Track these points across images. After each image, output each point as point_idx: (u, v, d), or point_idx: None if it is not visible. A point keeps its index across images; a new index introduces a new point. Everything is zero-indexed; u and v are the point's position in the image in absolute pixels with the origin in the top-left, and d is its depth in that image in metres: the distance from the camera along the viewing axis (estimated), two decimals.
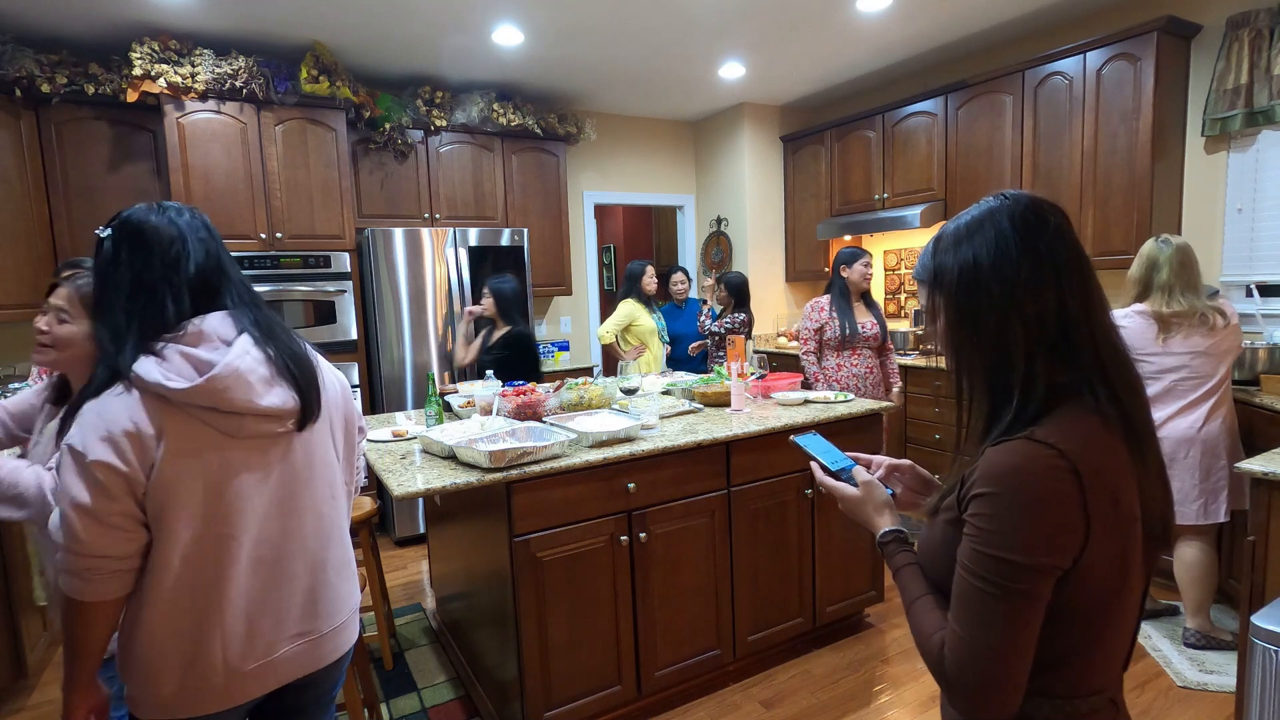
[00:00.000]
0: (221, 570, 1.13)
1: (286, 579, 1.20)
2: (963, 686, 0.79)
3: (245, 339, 1.15)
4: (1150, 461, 0.82)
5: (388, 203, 4.25)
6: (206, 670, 1.13)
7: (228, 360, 1.09)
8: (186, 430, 1.09)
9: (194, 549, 1.11)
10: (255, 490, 1.16)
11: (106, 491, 1.04)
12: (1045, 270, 0.81)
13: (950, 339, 0.88)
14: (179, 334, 1.12)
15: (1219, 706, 2.27)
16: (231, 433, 1.12)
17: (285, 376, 1.17)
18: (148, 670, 1.12)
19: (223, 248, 1.22)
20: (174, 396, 1.07)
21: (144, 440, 1.06)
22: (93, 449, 1.04)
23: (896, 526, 0.99)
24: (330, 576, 1.27)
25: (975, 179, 4.07)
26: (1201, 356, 2.52)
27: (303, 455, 1.23)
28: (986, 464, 0.79)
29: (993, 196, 0.87)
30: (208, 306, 1.16)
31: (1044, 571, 0.75)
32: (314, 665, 1.26)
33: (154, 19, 3.32)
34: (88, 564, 1.06)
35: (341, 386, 1.36)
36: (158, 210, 1.20)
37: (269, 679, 1.20)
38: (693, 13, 3.50)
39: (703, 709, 2.39)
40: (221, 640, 1.14)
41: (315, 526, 1.24)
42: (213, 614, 1.13)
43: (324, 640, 1.26)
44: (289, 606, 1.21)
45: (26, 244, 3.44)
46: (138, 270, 1.15)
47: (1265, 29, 3.03)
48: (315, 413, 1.22)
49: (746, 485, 2.44)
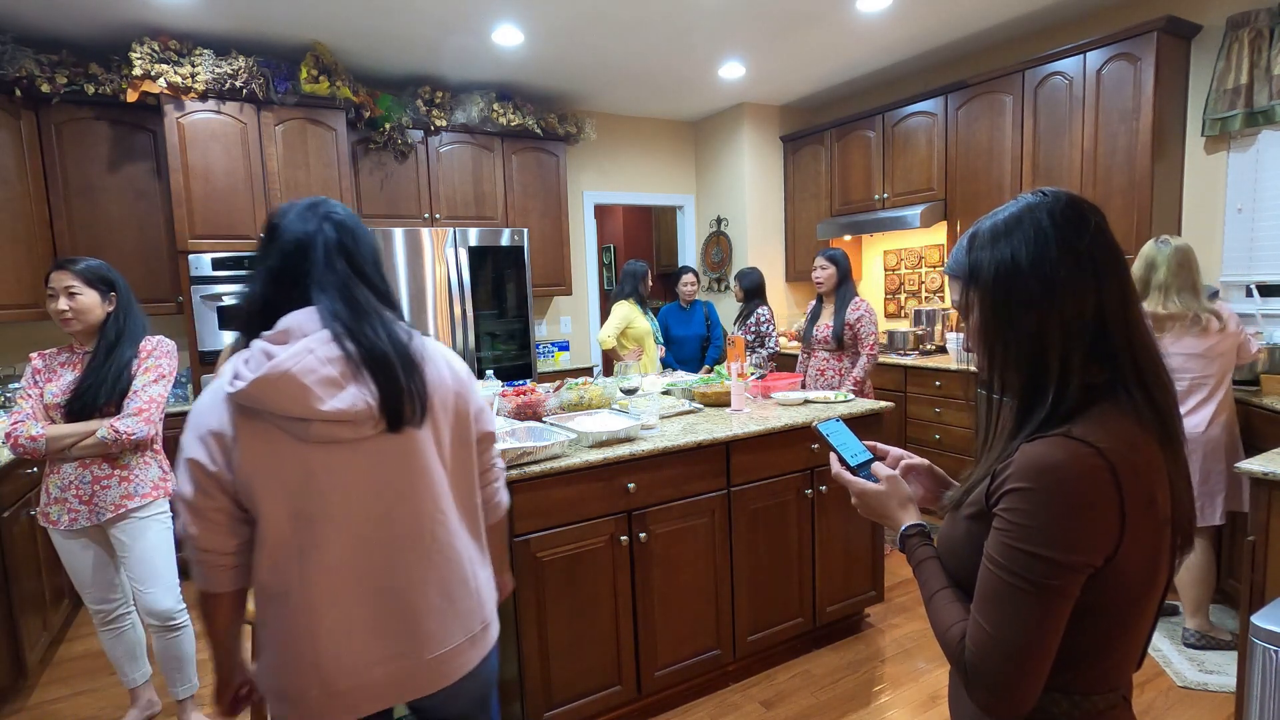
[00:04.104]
0: (306, 581, 1.08)
1: (377, 598, 1.12)
2: (983, 679, 0.79)
3: (316, 336, 1.06)
4: (1180, 462, 0.82)
5: (388, 203, 4.25)
6: (303, 684, 1.10)
7: (277, 362, 1.02)
8: (259, 432, 1.05)
9: (279, 554, 1.08)
10: (338, 498, 1.08)
11: (202, 488, 1.06)
12: (1084, 269, 0.80)
13: (984, 336, 0.87)
14: (273, 330, 1.07)
15: (1219, 706, 2.27)
16: (300, 436, 1.05)
17: (364, 376, 1.07)
18: (260, 672, 1.16)
19: (323, 235, 1.13)
20: (235, 399, 1.04)
21: (226, 441, 1.05)
22: (189, 447, 1.06)
23: (920, 521, 0.99)
24: (432, 598, 1.15)
25: (975, 179, 4.06)
26: (1197, 359, 2.51)
27: (396, 461, 1.12)
28: (1024, 460, 0.78)
29: (1030, 193, 0.85)
30: (301, 299, 1.10)
31: (1077, 570, 0.75)
32: (416, 691, 1.16)
33: (154, 19, 3.32)
34: (198, 556, 1.09)
35: (455, 389, 1.21)
36: (282, 210, 1.17)
37: (365, 701, 1.12)
38: (693, 13, 3.50)
39: (703, 709, 2.39)
40: (313, 654, 1.09)
41: (411, 541, 1.14)
42: (300, 627, 1.08)
43: (432, 665, 1.16)
44: (383, 628, 1.12)
45: (26, 244, 3.44)
46: (254, 264, 1.16)
47: (1265, 29, 3.03)
48: (409, 415, 1.11)
49: (746, 485, 2.44)
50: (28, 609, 2.64)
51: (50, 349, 2.19)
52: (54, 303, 2.06)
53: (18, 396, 2.10)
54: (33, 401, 2.08)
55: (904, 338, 4.49)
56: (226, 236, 3.62)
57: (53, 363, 2.15)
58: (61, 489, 2.10)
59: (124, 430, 2.04)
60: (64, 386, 2.08)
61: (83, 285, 2.08)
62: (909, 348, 4.48)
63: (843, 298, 3.54)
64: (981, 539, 0.82)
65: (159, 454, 2.26)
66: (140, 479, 2.16)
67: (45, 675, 2.77)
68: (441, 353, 1.22)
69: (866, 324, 3.44)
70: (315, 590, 1.08)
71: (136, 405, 2.08)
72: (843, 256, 3.60)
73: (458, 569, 1.20)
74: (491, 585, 1.30)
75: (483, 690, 1.28)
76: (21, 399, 2.08)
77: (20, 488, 2.71)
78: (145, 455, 2.19)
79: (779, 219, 5.56)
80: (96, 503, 2.10)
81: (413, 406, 1.11)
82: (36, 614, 2.74)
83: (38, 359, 2.15)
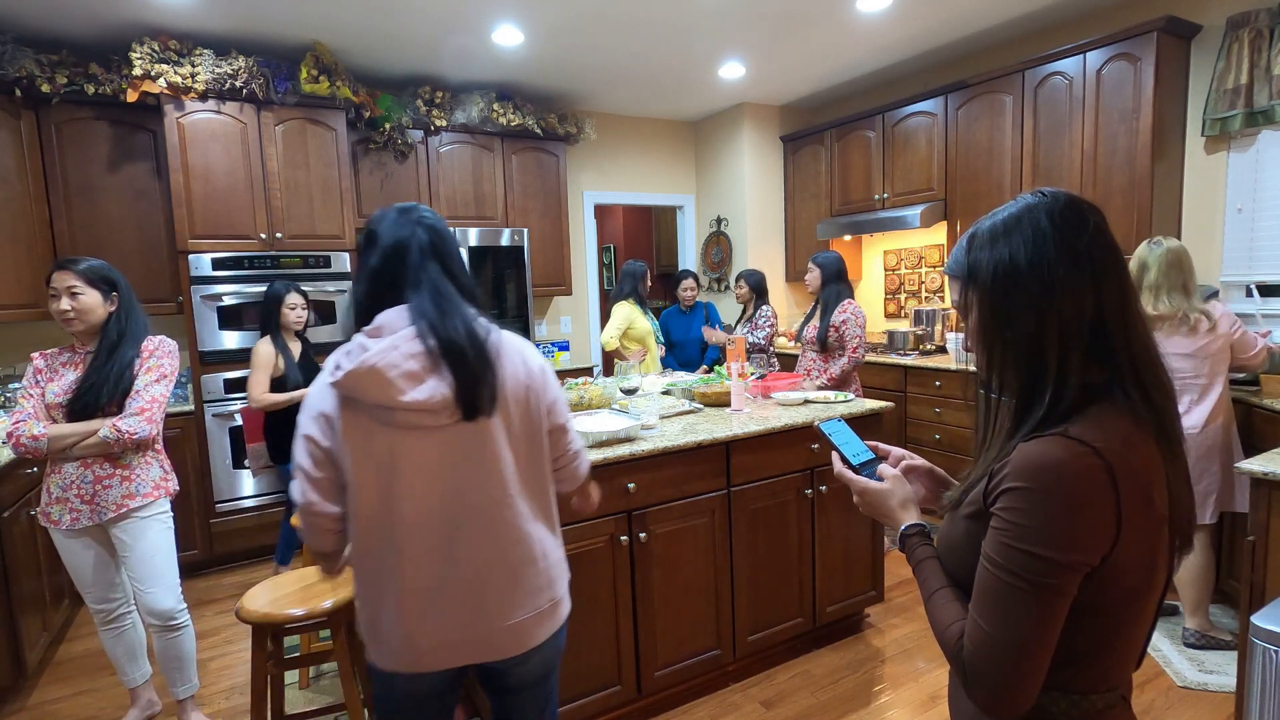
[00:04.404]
0: (389, 550, 1.21)
1: (451, 570, 1.23)
2: (982, 678, 0.79)
3: (403, 334, 1.17)
4: (1178, 462, 0.82)
5: (387, 202, 4.19)
6: (389, 638, 1.24)
7: (365, 357, 1.14)
8: (355, 416, 1.18)
9: (370, 525, 1.22)
10: (418, 478, 1.20)
11: (314, 460, 1.20)
12: (1083, 270, 0.80)
13: (982, 335, 0.87)
14: (370, 325, 1.21)
15: (1219, 706, 2.27)
16: (386, 422, 1.18)
17: (443, 369, 1.17)
18: (360, 620, 1.30)
19: (416, 239, 1.25)
20: (334, 387, 1.18)
21: (331, 422, 1.19)
22: (304, 424, 1.21)
23: (919, 521, 0.99)
24: (499, 574, 1.26)
25: (975, 179, 4.07)
26: (1188, 359, 2.52)
27: (468, 448, 1.23)
28: (1021, 459, 0.79)
29: (1030, 193, 0.86)
30: (397, 297, 1.23)
31: (1074, 568, 0.76)
32: (489, 656, 1.29)
33: (154, 19, 3.32)
34: (309, 520, 1.23)
35: (529, 384, 1.30)
36: (377, 217, 1.29)
37: (447, 657, 1.26)
38: (693, 13, 3.50)
39: (703, 709, 2.39)
40: (398, 613, 1.22)
41: (480, 522, 1.25)
42: (387, 592, 1.23)
43: (502, 634, 1.28)
44: (455, 597, 1.24)
45: (26, 244, 3.44)
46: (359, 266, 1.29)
47: (1265, 29, 3.03)
48: (483, 406, 1.21)
49: (746, 485, 2.44)
50: (28, 609, 2.64)
51: (52, 349, 2.19)
52: (56, 302, 2.07)
53: (19, 396, 2.10)
54: (34, 401, 2.08)
55: (904, 338, 4.49)
56: (226, 236, 3.62)
57: (54, 362, 2.15)
58: (63, 488, 2.10)
59: (126, 430, 2.04)
60: (66, 386, 2.08)
61: (85, 285, 2.09)
62: (909, 348, 4.48)
63: (829, 300, 3.54)
64: (980, 538, 0.83)
65: (160, 454, 2.26)
66: (142, 478, 2.16)
67: (45, 675, 2.77)
68: (518, 347, 1.32)
69: (851, 327, 3.42)
70: (399, 559, 1.21)
71: (139, 405, 2.08)
72: (829, 260, 3.59)
73: (525, 549, 1.30)
74: (564, 565, 1.40)
75: (548, 664, 1.40)
76: (23, 399, 2.08)
77: (21, 488, 2.71)
78: (147, 455, 2.20)
79: (779, 219, 5.56)
80: (98, 502, 2.11)
81: (485, 398, 1.21)
82: (36, 614, 2.74)
83: (39, 358, 2.16)
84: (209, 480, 3.67)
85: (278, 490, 3.83)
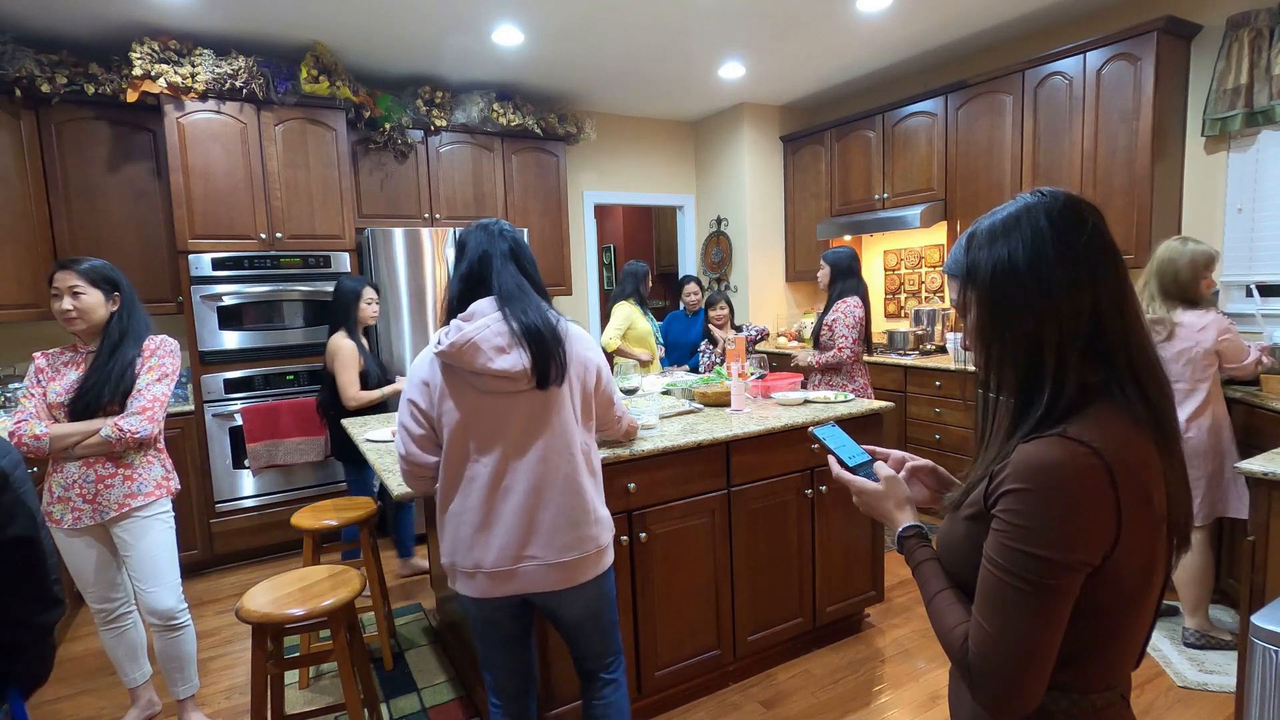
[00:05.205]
0: (470, 490, 1.53)
1: (517, 510, 1.52)
2: (987, 680, 0.79)
3: (492, 316, 1.49)
4: (1175, 460, 0.83)
5: (388, 203, 4.25)
6: (468, 565, 1.54)
7: (467, 331, 1.47)
8: (453, 382, 1.51)
9: (458, 471, 1.54)
10: (498, 434, 1.51)
11: (416, 419, 1.54)
12: (1082, 270, 0.81)
13: (981, 335, 0.87)
14: (464, 313, 1.52)
15: (1219, 706, 2.27)
16: (479, 387, 1.50)
17: (523, 346, 1.48)
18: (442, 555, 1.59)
19: (498, 246, 1.57)
20: (440, 357, 1.50)
21: (432, 387, 1.53)
22: (409, 390, 1.56)
23: (917, 522, 0.99)
24: (553, 517, 1.54)
25: (975, 179, 4.07)
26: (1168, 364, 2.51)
27: (539, 411, 1.53)
28: (1020, 460, 0.79)
29: (1029, 193, 0.86)
30: (485, 291, 1.55)
31: (1075, 568, 0.76)
32: (546, 586, 1.56)
33: (154, 19, 3.32)
34: (408, 469, 1.57)
35: (585, 360, 1.62)
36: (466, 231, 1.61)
37: (508, 584, 1.54)
38: (693, 13, 3.50)
39: (703, 709, 2.39)
40: (475, 544, 1.53)
41: (542, 471, 1.53)
42: (468, 519, 1.53)
43: (552, 569, 1.55)
44: (518, 531, 1.53)
45: (26, 244, 3.44)
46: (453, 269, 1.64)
47: (1265, 29, 3.03)
48: (553, 377, 1.52)
49: (746, 485, 2.44)
50: None
51: (53, 349, 2.19)
52: (58, 302, 2.08)
53: (21, 396, 2.10)
54: (36, 401, 2.08)
55: (904, 338, 4.49)
56: (226, 236, 3.62)
57: (56, 362, 2.15)
58: (65, 488, 2.10)
59: (128, 429, 2.05)
60: (67, 385, 2.08)
61: (86, 285, 2.10)
62: (909, 348, 4.48)
63: (831, 298, 3.54)
64: (980, 539, 0.83)
65: (162, 453, 2.26)
66: (143, 478, 2.17)
67: None
68: (580, 335, 1.64)
69: (840, 326, 3.41)
70: (479, 501, 1.53)
71: (141, 404, 2.08)
72: (838, 257, 3.55)
73: (581, 500, 1.58)
74: (609, 522, 1.67)
75: (596, 603, 1.66)
76: (25, 398, 2.09)
77: None
78: (148, 454, 2.20)
79: (779, 219, 5.56)
80: (100, 502, 2.11)
81: (555, 371, 1.52)
82: None
83: (41, 358, 2.16)
84: (209, 480, 3.67)
85: (278, 490, 3.83)
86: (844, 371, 3.45)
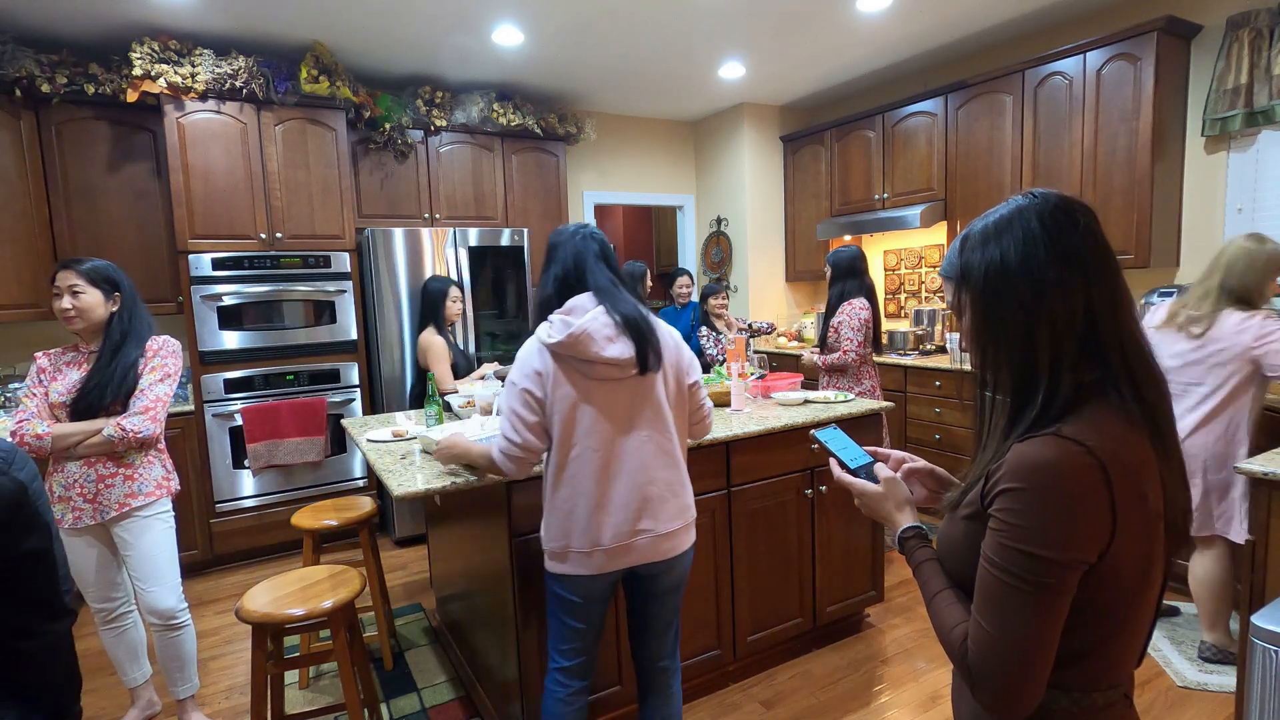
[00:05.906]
0: (584, 471, 1.62)
1: (630, 487, 1.64)
2: (987, 680, 0.80)
3: (599, 309, 1.61)
4: (1173, 460, 0.83)
5: (388, 203, 4.25)
6: (582, 541, 1.63)
7: (581, 323, 1.58)
8: (563, 371, 1.60)
9: (571, 454, 1.62)
10: (606, 416, 1.62)
11: (529, 406, 1.62)
12: (1074, 270, 0.81)
13: (976, 336, 0.88)
14: (564, 308, 1.63)
15: (1219, 706, 2.27)
16: (588, 374, 1.61)
17: (626, 335, 1.61)
18: (548, 531, 1.68)
19: (589, 248, 1.69)
20: (551, 348, 1.60)
21: (544, 376, 1.61)
22: (520, 380, 1.63)
23: (917, 523, 1.00)
24: (661, 490, 1.67)
25: (975, 179, 4.07)
26: (1189, 365, 2.45)
27: (641, 394, 1.66)
28: (1015, 460, 0.79)
29: (1021, 195, 0.87)
30: (579, 288, 1.66)
31: (1072, 567, 0.76)
32: (656, 556, 1.68)
33: (154, 19, 3.32)
34: (515, 453, 1.63)
35: (676, 349, 1.75)
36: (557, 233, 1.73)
37: (624, 558, 1.65)
38: (693, 13, 3.50)
39: (703, 709, 2.39)
40: (589, 519, 1.62)
41: (646, 449, 1.65)
42: (582, 502, 1.62)
43: (662, 539, 1.68)
44: (632, 507, 1.64)
45: (26, 244, 3.44)
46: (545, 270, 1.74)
47: (1265, 29, 3.03)
48: (651, 364, 1.64)
49: (746, 485, 2.44)
50: None
51: (55, 349, 2.19)
52: (59, 301, 2.09)
53: (22, 396, 2.11)
54: (37, 400, 2.08)
55: (904, 338, 4.49)
56: (226, 236, 3.62)
57: (58, 362, 2.15)
58: (65, 487, 2.10)
59: (130, 429, 2.05)
60: (69, 385, 2.08)
61: (86, 284, 2.10)
62: (909, 348, 4.48)
63: (834, 299, 3.52)
64: (979, 539, 0.83)
65: (163, 453, 2.26)
66: (144, 478, 2.17)
67: None
68: (664, 326, 1.75)
69: (845, 329, 3.40)
70: (592, 481, 1.62)
71: (143, 404, 2.09)
72: (839, 257, 3.51)
73: (679, 473, 1.73)
74: (692, 498, 1.78)
75: (686, 573, 1.78)
76: (26, 398, 2.09)
77: None
78: (149, 454, 2.20)
79: (779, 219, 5.56)
80: (101, 501, 2.11)
81: (653, 358, 1.65)
82: None
83: (43, 358, 2.16)
84: (209, 480, 3.67)
85: (278, 490, 3.83)
86: (850, 374, 3.45)
